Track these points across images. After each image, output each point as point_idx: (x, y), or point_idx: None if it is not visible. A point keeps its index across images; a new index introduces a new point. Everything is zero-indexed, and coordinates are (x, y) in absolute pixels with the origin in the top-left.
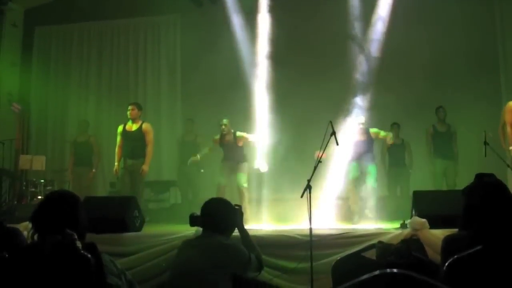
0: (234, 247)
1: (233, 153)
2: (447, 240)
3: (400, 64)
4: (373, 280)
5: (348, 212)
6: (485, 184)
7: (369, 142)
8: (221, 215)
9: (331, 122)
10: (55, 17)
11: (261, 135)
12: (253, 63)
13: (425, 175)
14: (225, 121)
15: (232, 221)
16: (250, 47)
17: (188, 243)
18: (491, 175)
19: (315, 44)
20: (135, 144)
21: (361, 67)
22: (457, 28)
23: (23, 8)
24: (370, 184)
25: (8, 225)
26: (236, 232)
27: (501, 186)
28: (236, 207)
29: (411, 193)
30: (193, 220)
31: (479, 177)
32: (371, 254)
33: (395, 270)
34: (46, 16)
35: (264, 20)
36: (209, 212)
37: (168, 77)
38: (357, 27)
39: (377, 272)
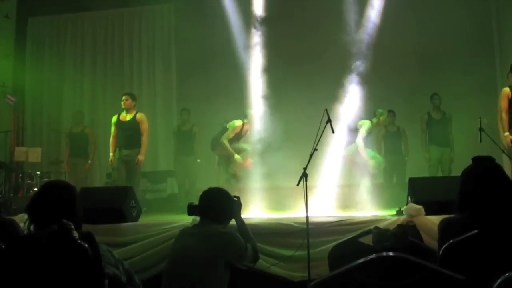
0: (231, 235)
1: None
2: (444, 224)
3: (395, 51)
4: (370, 265)
5: (348, 200)
6: (481, 167)
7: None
8: (219, 205)
9: (326, 110)
10: (48, 8)
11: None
12: (249, 51)
13: (420, 162)
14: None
15: (230, 211)
16: (245, 34)
17: (186, 231)
18: (488, 158)
19: (309, 30)
20: (129, 134)
21: (355, 54)
22: (451, 14)
23: None
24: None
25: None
26: (232, 222)
27: (497, 168)
28: (235, 198)
29: (407, 181)
30: (191, 209)
31: (476, 160)
32: (368, 240)
33: (391, 254)
34: (39, 6)
35: (258, 6)
36: (208, 201)
37: (162, 66)
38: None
39: (373, 256)
